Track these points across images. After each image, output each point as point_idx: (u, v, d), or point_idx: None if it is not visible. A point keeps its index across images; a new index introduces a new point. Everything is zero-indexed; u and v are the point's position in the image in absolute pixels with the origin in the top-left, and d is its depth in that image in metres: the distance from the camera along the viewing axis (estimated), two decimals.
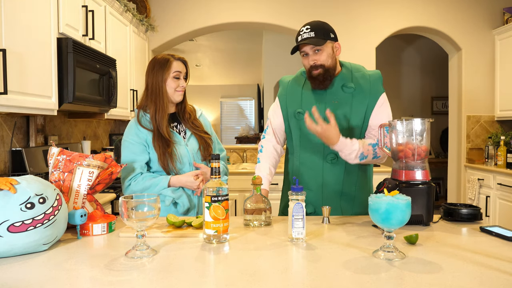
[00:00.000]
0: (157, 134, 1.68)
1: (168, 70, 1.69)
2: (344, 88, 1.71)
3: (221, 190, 1.23)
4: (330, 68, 1.67)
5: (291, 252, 1.16)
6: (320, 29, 1.64)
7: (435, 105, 6.35)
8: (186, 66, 1.77)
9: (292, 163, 1.81)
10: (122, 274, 0.98)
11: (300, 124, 1.73)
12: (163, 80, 1.69)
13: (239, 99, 9.39)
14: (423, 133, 1.42)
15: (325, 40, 1.63)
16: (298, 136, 1.75)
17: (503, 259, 1.07)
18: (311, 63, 1.66)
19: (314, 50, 1.65)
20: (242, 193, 3.68)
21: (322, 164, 1.71)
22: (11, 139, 2.38)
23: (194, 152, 1.75)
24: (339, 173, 1.71)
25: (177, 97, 1.73)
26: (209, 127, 1.87)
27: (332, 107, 1.70)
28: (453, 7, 4.23)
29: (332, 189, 1.71)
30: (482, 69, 4.27)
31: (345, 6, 4.19)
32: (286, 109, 1.79)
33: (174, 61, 1.71)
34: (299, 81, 1.81)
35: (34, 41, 2.06)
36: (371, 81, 1.74)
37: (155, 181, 1.66)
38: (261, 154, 1.83)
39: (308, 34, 1.63)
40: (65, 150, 1.49)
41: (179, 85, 1.72)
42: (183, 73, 1.74)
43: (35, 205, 1.12)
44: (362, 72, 1.77)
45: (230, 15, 4.14)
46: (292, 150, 1.81)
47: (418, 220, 1.41)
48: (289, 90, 1.81)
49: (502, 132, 4.14)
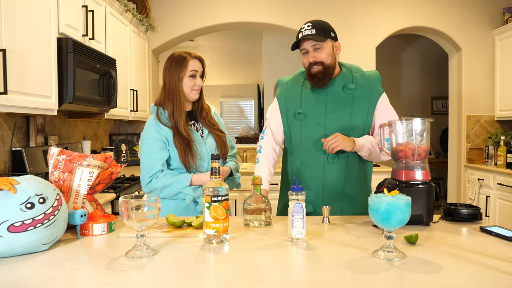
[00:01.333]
0: (177, 132, 1.69)
1: (184, 69, 1.69)
2: (344, 89, 1.72)
3: (221, 190, 1.23)
4: (329, 66, 1.67)
5: (291, 252, 1.16)
6: (321, 27, 1.65)
7: (435, 105, 6.35)
8: (203, 65, 1.76)
9: (291, 163, 1.81)
10: (122, 274, 0.98)
11: (301, 124, 1.73)
12: (180, 78, 1.69)
13: (239, 99, 9.39)
14: (423, 133, 1.42)
15: (326, 37, 1.64)
16: (299, 137, 1.75)
17: (503, 259, 1.07)
18: (310, 60, 1.67)
19: (314, 47, 1.66)
20: (242, 193, 3.68)
21: (323, 164, 1.71)
22: (11, 139, 2.38)
23: (213, 150, 1.76)
24: (340, 173, 1.71)
25: (193, 95, 1.73)
26: (223, 125, 1.88)
27: (332, 108, 1.71)
28: (453, 7, 4.23)
29: (333, 190, 1.71)
30: (482, 69, 4.27)
31: (345, 6, 4.19)
32: (286, 110, 1.78)
33: (190, 59, 1.71)
34: (298, 81, 1.81)
35: (34, 41, 2.06)
36: (371, 81, 1.75)
37: (176, 179, 1.66)
38: (260, 155, 1.82)
39: (309, 31, 1.65)
40: (65, 150, 1.49)
41: (195, 84, 1.72)
42: (199, 72, 1.74)
43: (35, 205, 1.12)
44: (361, 72, 1.78)
45: (230, 15, 4.14)
46: (292, 151, 1.80)
47: (418, 220, 1.41)
48: (288, 91, 1.80)
49: (502, 132, 4.14)
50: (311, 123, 1.72)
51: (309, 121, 1.72)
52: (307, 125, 1.72)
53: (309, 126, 1.72)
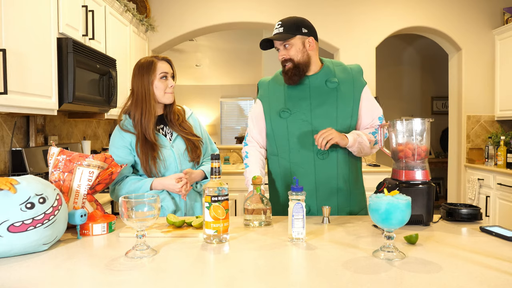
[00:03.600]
0: (141, 139, 1.65)
1: (154, 72, 1.66)
2: (328, 83, 1.71)
3: (221, 190, 1.23)
4: (299, 63, 1.68)
5: (291, 252, 1.16)
6: (291, 25, 1.67)
7: (435, 105, 6.35)
8: (171, 66, 1.73)
9: (277, 164, 1.76)
10: (122, 274, 0.98)
11: (287, 122, 1.71)
12: (150, 82, 1.66)
13: (239, 99, 9.39)
14: (423, 133, 1.42)
15: (294, 35, 1.66)
16: (285, 136, 1.71)
17: (503, 259, 1.07)
18: (279, 57, 1.70)
19: (283, 45, 1.68)
20: (242, 193, 3.68)
21: (313, 161, 1.69)
22: (11, 139, 2.38)
23: (181, 153, 1.71)
24: (331, 169, 1.69)
25: (167, 99, 1.69)
26: (198, 127, 1.83)
27: (317, 103, 1.70)
28: (453, 7, 4.23)
29: (327, 186, 1.70)
30: (482, 69, 4.27)
31: (345, 6, 4.19)
32: (270, 110, 1.76)
33: (158, 62, 1.68)
34: (279, 80, 1.79)
35: (34, 41, 2.06)
36: (353, 74, 1.76)
37: (138, 185, 1.64)
38: (247, 160, 1.79)
39: (278, 29, 1.68)
40: (65, 150, 1.49)
41: (167, 85, 1.68)
42: (169, 73, 1.70)
43: (35, 205, 1.12)
44: (343, 66, 1.79)
45: (230, 15, 4.14)
46: (276, 151, 1.76)
47: (418, 220, 1.41)
48: (271, 90, 1.79)
49: (502, 132, 4.14)
50: (297, 120, 1.70)
51: (294, 118, 1.70)
52: (293, 123, 1.70)
53: (295, 124, 1.70)
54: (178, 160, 1.70)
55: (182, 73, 8.78)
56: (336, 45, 4.21)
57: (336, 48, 4.25)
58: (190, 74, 8.84)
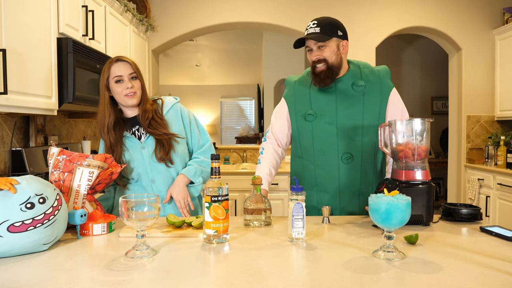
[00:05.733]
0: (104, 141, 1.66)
1: (108, 75, 1.61)
2: (354, 86, 1.68)
3: (221, 190, 1.23)
4: (333, 65, 1.64)
5: (291, 252, 1.16)
6: (327, 25, 1.63)
7: (435, 105, 6.34)
8: (132, 66, 1.63)
9: (302, 166, 1.76)
10: (122, 274, 0.98)
11: (312, 125, 1.70)
12: (104, 86, 1.62)
13: (239, 99, 9.39)
14: (423, 133, 1.42)
15: (330, 36, 1.62)
16: (310, 138, 1.71)
17: (503, 259, 1.07)
18: (313, 58, 1.65)
19: (318, 45, 1.64)
20: (242, 193, 3.68)
21: (337, 165, 1.68)
22: (11, 139, 2.38)
23: (150, 154, 1.66)
24: (355, 173, 1.68)
25: (128, 101, 1.62)
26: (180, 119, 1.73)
27: (343, 107, 1.68)
28: (453, 7, 4.23)
29: (350, 190, 1.69)
30: (482, 69, 4.27)
31: (345, 6, 4.20)
32: (295, 111, 1.74)
33: (112, 65, 1.61)
34: (306, 82, 1.77)
35: (34, 41, 2.06)
36: (380, 76, 1.72)
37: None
38: (261, 156, 1.80)
39: (313, 29, 1.62)
40: (65, 150, 1.49)
41: (123, 88, 1.60)
42: (126, 75, 1.60)
43: (35, 205, 1.12)
44: (370, 68, 1.75)
45: (230, 15, 4.14)
46: (300, 153, 1.76)
47: (418, 220, 1.41)
48: (297, 91, 1.77)
49: (502, 132, 4.14)
50: (322, 123, 1.68)
51: (320, 121, 1.69)
52: (318, 126, 1.69)
53: (320, 127, 1.68)
54: (147, 161, 1.66)
55: (182, 73, 8.79)
56: None
57: None
58: (190, 74, 8.84)
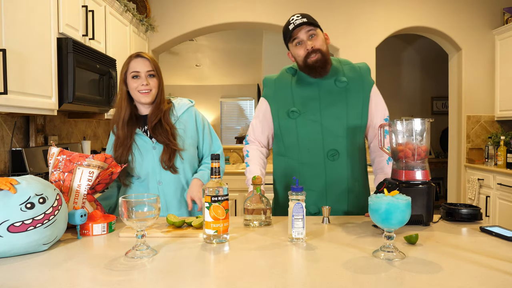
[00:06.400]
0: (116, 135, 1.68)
1: (126, 70, 1.64)
2: (337, 82, 1.68)
3: (221, 190, 1.23)
4: (326, 53, 1.64)
5: (291, 252, 1.16)
6: (310, 17, 1.64)
7: (435, 105, 6.35)
8: (150, 63, 1.63)
9: (284, 164, 1.73)
10: (122, 274, 0.98)
11: (296, 123, 1.67)
12: (122, 80, 1.65)
13: (239, 99, 9.39)
14: (423, 133, 1.42)
15: (317, 26, 1.64)
16: (294, 136, 1.68)
17: (503, 259, 1.07)
18: (308, 48, 1.61)
19: (310, 33, 1.62)
20: (242, 193, 3.68)
21: (323, 163, 1.65)
22: (11, 139, 2.38)
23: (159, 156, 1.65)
24: (343, 170, 1.66)
25: (141, 98, 1.63)
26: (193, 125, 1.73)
27: (327, 103, 1.66)
28: (453, 7, 4.23)
29: (337, 188, 1.66)
30: (482, 69, 4.27)
31: (345, 6, 4.19)
32: (277, 109, 1.71)
33: (132, 60, 1.63)
34: (286, 79, 1.75)
35: (34, 41, 2.06)
36: (362, 73, 1.73)
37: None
38: (248, 159, 1.75)
39: (300, 20, 1.61)
40: (65, 150, 1.49)
41: (138, 84, 1.62)
42: (143, 72, 1.62)
43: (35, 205, 1.12)
44: (351, 64, 1.76)
45: (230, 15, 4.14)
46: (284, 152, 1.72)
47: (418, 220, 1.41)
48: (278, 89, 1.74)
49: (502, 132, 4.14)
50: (306, 120, 1.66)
51: (304, 118, 1.66)
52: (302, 123, 1.66)
53: (305, 124, 1.66)
54: (156, 162, 1.65)
55: (182, 73, 8.78)
56: (336, 45, 4.21)
57: (336, 48, 4.25)
58: (190, 74, 8.84)
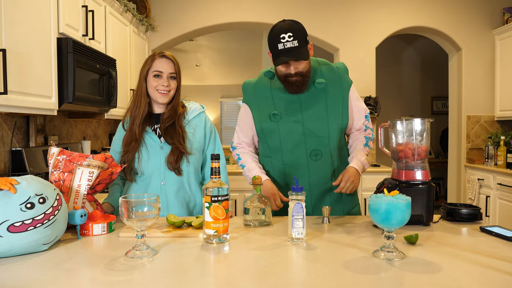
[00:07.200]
0: (128, 130, 1.67)
1: (149, 67, 1.64)
2: (316, 84, 1.68)
3: (221, 190, 1.23)
4: (307, 73, 1.63)
5: (291, 252, 1.16)
6: (300, 34, 1.55)
7: (435, 105, 6.35)
8: (174, 66, 1.66)
9: (270, 165, 1.75)
10: (122, 274, 0.98)
11: (278, 125, 1.68)
12: (143, 77, 1.65)
13: (239, 99, 9.38)
14: (423, 133, 1.42)
15: (306, 46, 1.57)
16: (277, 138, 1.69)
17: (503, 259, 1.07)
18: (292, 71, 1.59)
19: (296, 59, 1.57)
20: (242, 193, 3.68)
21: (307, 163, 1.67)
22: (11, 139, 2.38)
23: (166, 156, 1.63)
24: (326, 169, 1.69)
25: (159, 98, 1.63)
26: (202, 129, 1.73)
27: (307, 105, 1.67)
28: (453, 7, 4.23)
29: (321, 187, 1.69)
30: (482, 69, 4.27)
31: (345, 7, 4.19)
32: (259, 114, 1.72)
33: (156, 59, 1.64)
34: (265, 83, 1.75)
35: (34, 41, 2.06)
36: (340, 73, 1.73)
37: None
38: (241, 161, 1.76)
39: (291, 43, 1.53)
40: (65, 150, 1.49)
41: (159, 84, 1.62)
42: (166, 73, 1.63)
43: (35, 205, 1.12)
44: (329, 65, 1.76)
45: (230, 15, 4.14)
46: (269, 153, 1.74)
47: (418, 220, 1.41)
48: (258, 94, 1.74)
49: (502, 132, 4.14)
50: (288, 122, 1.67)
51: (286, 120, 1.67)
52: (284, 125, 1.67)
53: (286, 126, 1.67)
54: (162, 161, 1.63)
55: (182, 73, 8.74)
56: (336, 45, 4.21)
57: (336, 48, 4.25)
58: (190, 74, 8.83)
